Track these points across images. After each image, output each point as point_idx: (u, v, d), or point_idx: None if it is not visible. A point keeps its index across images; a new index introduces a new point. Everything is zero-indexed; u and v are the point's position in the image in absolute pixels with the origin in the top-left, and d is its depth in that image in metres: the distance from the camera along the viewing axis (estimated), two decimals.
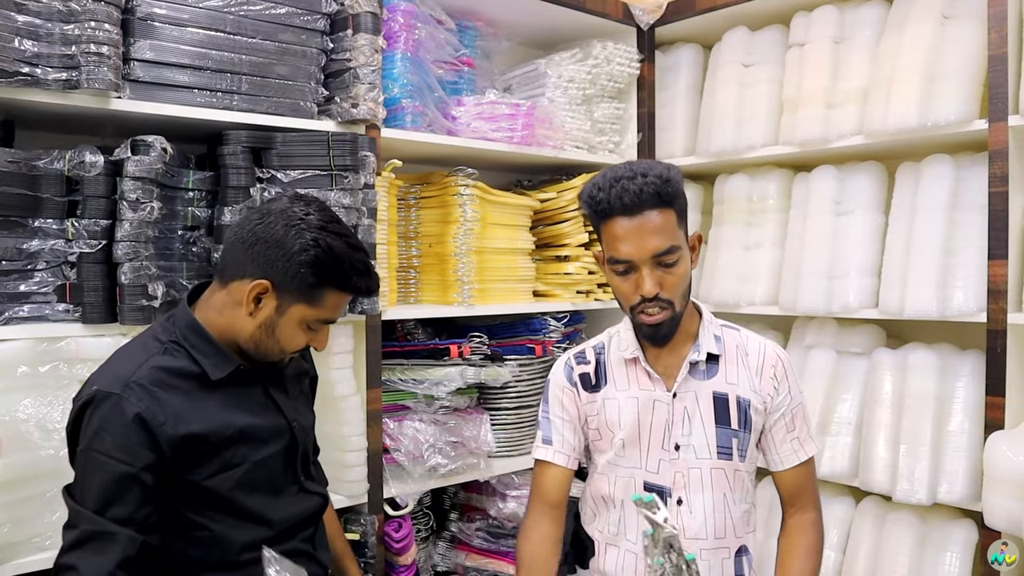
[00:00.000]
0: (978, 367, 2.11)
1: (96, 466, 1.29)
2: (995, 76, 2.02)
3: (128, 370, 1.34)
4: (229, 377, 1.43)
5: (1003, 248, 2.01)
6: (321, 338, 1.47)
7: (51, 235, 1.72)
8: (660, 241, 1.43)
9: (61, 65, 1.66)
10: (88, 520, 1.27)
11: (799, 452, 1.59)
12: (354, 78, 2.03)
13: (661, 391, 1.57)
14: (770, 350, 1.60)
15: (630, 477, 1.58)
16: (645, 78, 2.77)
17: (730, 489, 1.56)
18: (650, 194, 1.42)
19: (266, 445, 1.46)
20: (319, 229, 1.37)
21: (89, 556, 1.25)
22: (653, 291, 1.44)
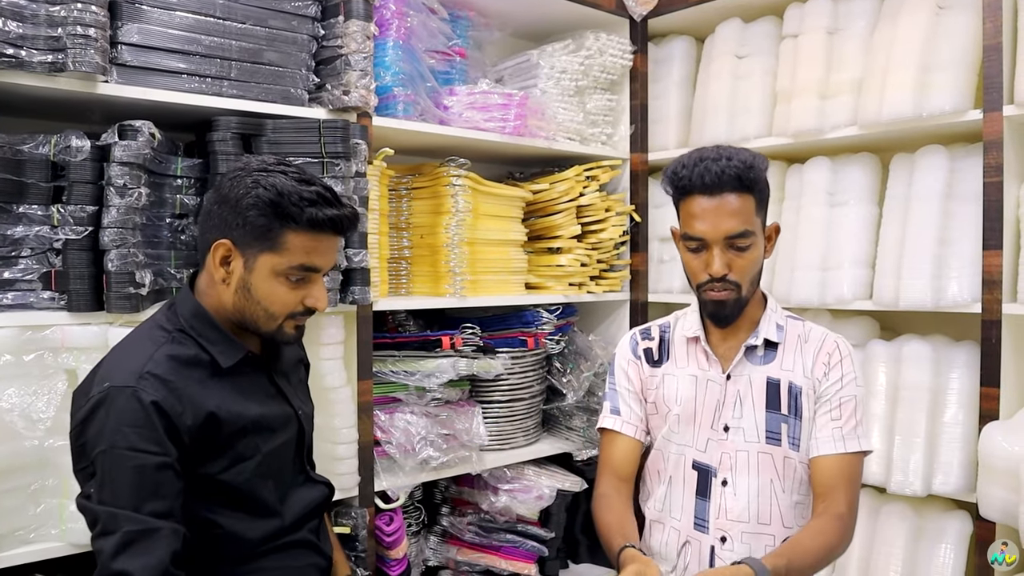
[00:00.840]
0: (972, 358, 2.10)
1: (123, 463, 1.24)
2: (990, 66, 2.02)
3: (139, 362, 1.30)
4: (237, 365, 1.39)
5: (998, 238, 2.01)
6: (315, 292, 1.39)
7: (36, 221, 1.68)
8: (735, 223, 1.48)
9: (47, 47, 1.62)
10: (128, 520, 1.22)
11: (838, 443, 1.52)
12: (345, 65, 2.00)
13: (716, 372, 1.61)
14: (830, 339, 1.60)
15: (681, 454, 1.62)
16: (638, 70, 2.76)
17: (778, 476, 1.55)
18: (731, 176, 1.46)
19: (276, 435, 1.44)
20: (260, 171, 1.34)
21: (139, 557, 1.20)
22: (721, 271, 1.50)
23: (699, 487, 1.60)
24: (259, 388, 1.44)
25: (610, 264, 2.76)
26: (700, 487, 1.60)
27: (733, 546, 1.56)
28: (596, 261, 2.69)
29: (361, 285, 2.02)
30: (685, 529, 1.61)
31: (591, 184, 2.65)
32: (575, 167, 2.62)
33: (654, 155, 2.78)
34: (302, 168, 1.40)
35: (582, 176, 2.62)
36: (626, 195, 2.80)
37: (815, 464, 1.55)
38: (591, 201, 2.63)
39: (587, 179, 2.64)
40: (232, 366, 1.38)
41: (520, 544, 2.41)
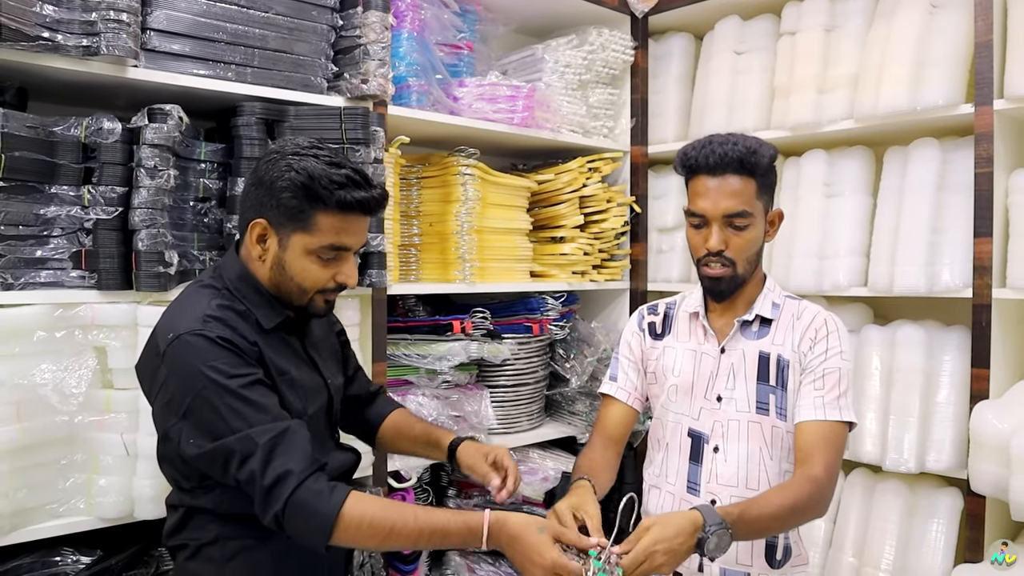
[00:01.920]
0: (964, 341, 2.20)
1: (223, 394, 1.30)
2: (981, 62, 2.12)
3: (198, 311, 1.36)
4: (276, 330, 1.44)
5: (988, 226, 2.10)
6: (345, 270, 1.45)
7: (67, 201, 1.72)
8: (734, 203, 1.56)
9: (81, 31, 1.67)
10: (259, 434, 1.28)
11: (819, 410, 1.57)
12: (364, 54, 2.06)
13: (711, 346, 1.69)
14: (821, 316, 1.66)
15: (677, 422, 1.70)
16: (639, 65, 2.84)
17: (766, 444, 1.62)
18: (734, 159, 1.55)
19: (310, 402, 1.48)
20: (293, 155, 1.38)
21: (286, 456, 1.28)
22: (718, 247, 1.58)
23: (692, 453, 1.68)
24: (295, 355, 1.49)
25: (611, 254, 2.84)
26: (693, 453, 1.68)
27: None
28: (598, 250, 2.77)
29: (378, 268, 2.07)
30: (679, 492, 1.69)
31: (593, 175, 2.72)
32: (578, 159, 2.69)
33: (654, 148, 2.86)
34: (335, 151, 1.44)
35: (585, 167, 2.70)
36: (626, 186, 2.88)
37: (797, 431, 1.60)
38: (593, 192, 2.71)
39: (590, 170, 2.72)
40: (272, 330, 1.43)
41: None
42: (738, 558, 1.62)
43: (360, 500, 1.31)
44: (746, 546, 1.61)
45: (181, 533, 1.47)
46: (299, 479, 1.27)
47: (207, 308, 1.37)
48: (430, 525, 1.31)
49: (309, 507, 1.27)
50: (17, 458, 1.61)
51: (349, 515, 1.28)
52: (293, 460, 1.28)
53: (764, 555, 1.62)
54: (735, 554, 1.62)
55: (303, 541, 1.30)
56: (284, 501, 1.27)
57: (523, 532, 1.31)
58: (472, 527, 1.32)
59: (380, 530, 1.29)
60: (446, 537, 1.33)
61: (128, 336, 1.75)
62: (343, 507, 1.28)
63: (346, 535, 1.29)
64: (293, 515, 1.27)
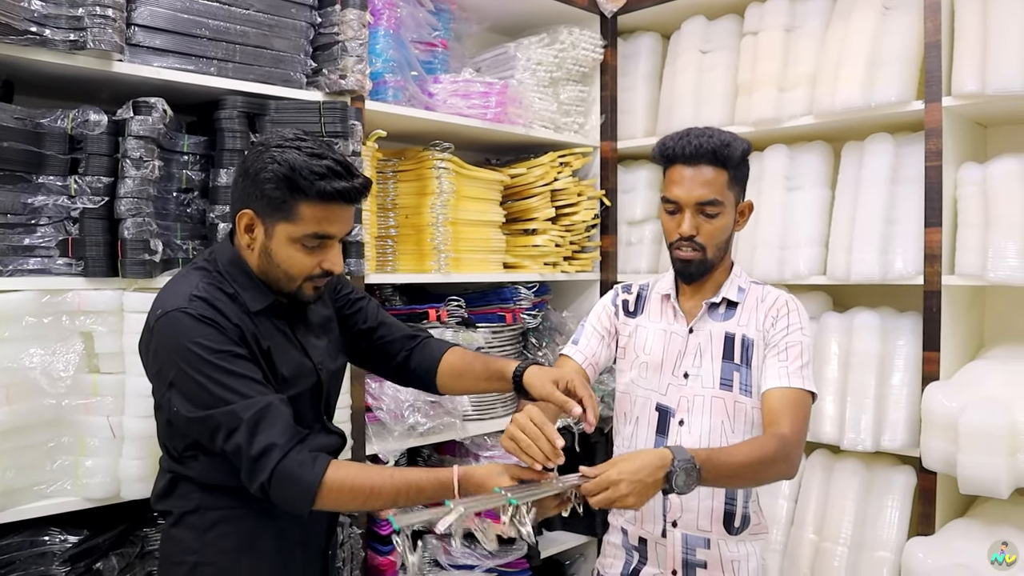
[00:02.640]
0: (916, 326, 2.31)
1: (207, 367, 1.37)
2: (930, 61, 2.23)
3: (186, 290, 1.43)
4: (265, 314, 1.50)
5: (938, 217, 2.22)
6: (331, 257, 1.50)
7: (54, 191, 1.77)
8: (706, 191, 1.67)
9: (68, 26, 1.71)
10: (243, 408, 1.36)
11: (783, 379, 1.65)
12: (342, 51, 2.12)
13: (680, 326, 1.78)
14: (782, 298, 1.76)
15: (647, 398, 1.79)
16: (608, 63, 2.93)
17: (728, 418, 1.71)
18: (707, 150, 1.66)
19: (293, 385, 1.53)
20: (276, 148, 1.44)
21: (270, 430, 1.36)
22: (689, 232, 1.68)
23: (659, 426, 1.77)
24: (283, 339, 1.54)
25: (582, 245, 2.93)
26: (660, 426, 1.77)
27: None
28: (569, 242, 2.86)
29: (357, 258, 2.14)
30: None
31: (564, 170, 2.81)
32: (550, 154, 2.78)
33: (623, 143, 2.96)
34: (320, 143, 1.49)
35: (556, 162, 2.79)
36: (597, 180, 2.97)
37: (764, 399, 1.68)
38: (565, 186, 2.80)
39: (561, 165, 2.80)
40: (261, 313, 1.49)
41: None
42: (698, 524, 1.71)
43: (340, 467, 1.40)
44: (706, 512, 1.71)
45: (167, 499, 1.55)
46: (283, 451, 1.35)
47: (194, 288, 1.44)
48: (406, 483, 1.41)
49: (294, 476, 1.35)
50: (6, 440, 1.65)
51: (330, 481, 1.37)
52: (277, 433, 1.36)
53: (723, 521, 1.71)
54: (695, 520, 1.71)
55: (288, 507, 1.39)
56: (270, 471, 1.35)
57: (486, 479, 1.42)
58: (443, 481, 1.43)
59: (361, 492, 1.39)
60: (420, 493, 1.43)
61: (114, 322, 1.80)
62: (325, 474, 1.37)
63: (329, 500, 1.38)
64: (279, 484, 1.36)
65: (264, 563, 1.54)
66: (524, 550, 2.57)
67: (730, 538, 1.72)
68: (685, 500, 1.70)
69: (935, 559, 2.06)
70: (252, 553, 1.53)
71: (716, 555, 1.72)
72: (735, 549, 1.73)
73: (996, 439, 1.96)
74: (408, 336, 1.78)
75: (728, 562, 1.72)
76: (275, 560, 1.55)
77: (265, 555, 1.54)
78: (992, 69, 2.10)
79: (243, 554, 1.52)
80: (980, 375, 2.16)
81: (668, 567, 1.74)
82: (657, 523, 1.75)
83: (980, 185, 2.17)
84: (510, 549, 2.56)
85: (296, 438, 1.39)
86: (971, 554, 2.03)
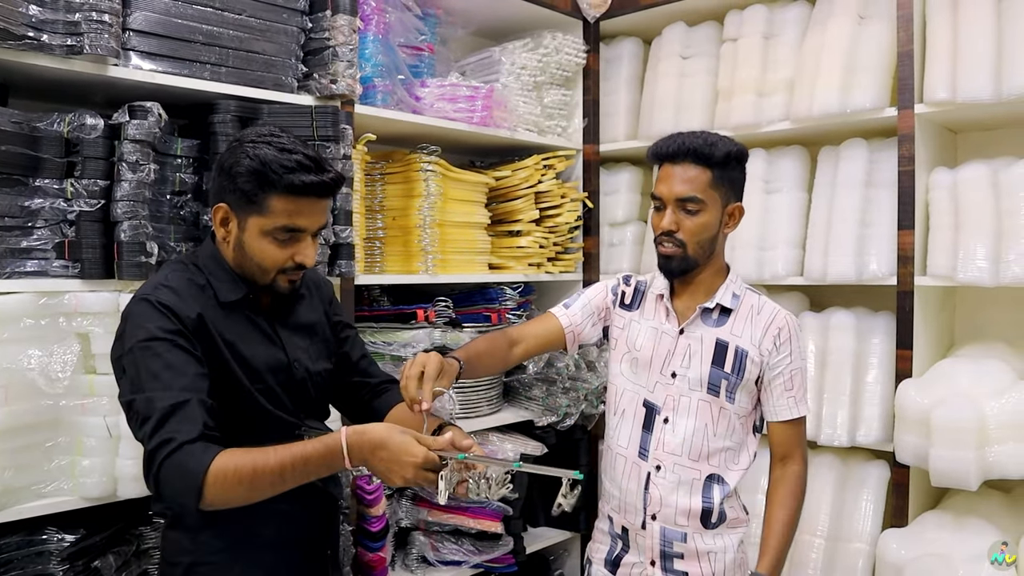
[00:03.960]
0: (890, 326, 2.40)
1: (144, 354, 1.39)
2: (903, 69, 2.32)
3: (157, 280, 1.49)
4: (239, 307, 1.54)
5: (910, 220, 2.30)
6: (303, 250, 1.52)
7: (51, 194, 1.79)
8: (686, 188, 1.74)
9: (65, 31, 1.74)
10: (161, 399, 1.34)
11: (793, 409, 1.80)
12: (333, 56, 2.16)
13: (671, 326, 1.85)
14: (781, 315, 1.82)
15: (636, 392, 1.86)
16: (591, 68, 2.99)
17: (712, 421, 1.79)
18: (690, 149, 1.73)
19: (263, 380, 1.54)
20: (250, 143, 1.48)
21: (177, 424, 1.33)
22: (669, 227, 1.76)
23: (645, 422, 1.85)
24: (257, 330, 1.57)
25: (565, 247, 2.98)
26: (646, 422, 1.84)
27: (666, 475, 1.80)
28: (552, 244, 2.91)
29: (347, 259, 2.18)
30: (631, 456, 1.85)
31: (548, 172, 2.86)
32: (534, 156, 2.83)
33: (605, 146, 3.02)
34: (293, 139, 1.52)
35: (540, 165, 2.84)
36: (579, 183, 3.03)
37: (774, 429, 1.83)
38: (548, 188, 2.85)
39: (545, 168, 2.86)
40: (235, 306, 1.53)
41: (486, 504, 2.60)
42: (676, 520, 1.78)
43: (228, 453, 1.32)
44: (683, 510, 1.79)
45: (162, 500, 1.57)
46: (178, 444, 1.31)
47: (166, 278, 1.49)
48: (290, 455, 1.32)
49: (181, 467, 1.30)
50: (5, 440, 1.67)
51: (215, 469, 1.29)
52: (182, 429, 1.32)
53: (699, 518, 1.79)
54: (673, 515, 1.79)
55: (178, 503, 1.38)
56: (159, 464, 1.31)
57: (386, 437, 1.32)
58: (330, 445, 1.33)
59: (244, 475, 1.30)
60: (307, 463, 1.33)
61: (111, 323, 1.81)
62: (212, 463, 1.30)
63: (216, 490, 1.30)
64: (166, 477, 1.31)
65: (259, 562, 1.56)
66: (510, 546, 2.62)
67: (706, 532, 1.79)
68: (664, 496, 1.78)
69: (908, 550, 2.14)
70: (247, 552, 1.55)
71: (693, 547, 1.79)
72: (711, 542, 1.80)
73: (966, 434, 2.05)
74: (383, 380, 1.79)
75: (704, 554, 1.79)
76: (271, 559, 1.57)
77: (261, 554, 1.56)
78: (962, 78, 2.19)
79: (237, 553, 1.55)
80: (951, 372, 2.24)
81: (647, 556, 1.81)
82: (638, 515, 1.81)
83: (950, 189, 2.25)
84: (496, 545, 2.61)
85: (202, 435, 1.33)
86: (943, 544, 2.11)
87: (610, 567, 1.90)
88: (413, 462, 1.30)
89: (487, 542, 2.60)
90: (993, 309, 2.50)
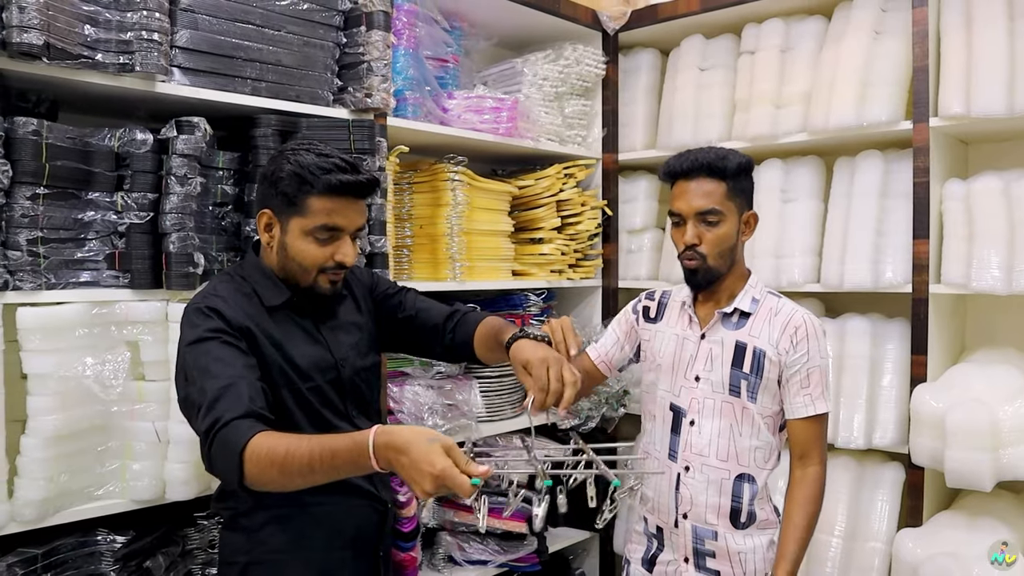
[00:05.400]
0: (904, 331, 2.47)
1: (196, 351, 1.48)
2: (918, 84, 2.39)
3: (206, 291, 1.60)
4: (284, 310, 1.62)
5: (925, 229, 2.38)
6: (342, 248, 1.60)
7: (102, 207, 1.86)
8: (705, 202, 1.81)
9: (118, 50, 1.80)
10: (212, 386, 1.40)
11: (809, 406, 1.84)
12: (368, 71, 2.22)
13: (694, 332, 1.93)
14: (798, 315, 1.88)
15: (664, 398, 1.94)
16: (610, 78, 3.06)
17: (737, 421, 1.86)
18: (704, 164, 1.80)
19: (312, 378, 1.62)
20: (291, 151, 1.59)
21: (226, 403, 1.37)
22: (691, 241, 1.83)
23: (673, 425, 1.93)
24: (303, 331, 1.65)
25: (585, 253, 3.05)
26: (674, 425, 1.93)
27: (695, 475, 1.88)
28: (573, 250, 2.98)
29: (382, 268, 2.25)
30: (662, 459, 1.94)
31: (569, 181, 2.93)
32: (555, 165, 2.90)
33: (623, 155, 3.09)
34: (324, 146, 1.62)
35: (561, 174, 2.91)
36: (599, 191, 3.10)
37: (792, 427, 1.88)
38: (569, 196, 2.92)
39: (566, 176, 2.92)
40: (279, 309, 1.62)
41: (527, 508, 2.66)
42: (706, 518, 1.86)
43: (268, 434, 1.34)
44: (712, 508, 1.86)
45: (223, 501, 1.66)
46: (225, 421, 1.34)
47: (212, 289, 1.60)
48: (320, 446, 1.30)
49: (225, 442, 1.34)
50: (61, 445, 1.74)
51: (253, 446, 1.31)
52: (230, 408, 1.36)
53: (728, 516, 1.86)
54: (703, 514, 1.86)
55: (225, 480, 1.45)
56: (210, 442, 1.35)
57: (411, 442, 1.24)
58: (358, 442, 1.28)
59: (277, 457, 1.30)
60: (335, 456, 1.30)
61: (159, 331, 1.88)
62: (251, 440, 1.31)
63: (253, 468, 1.31)
64: (216, 453, 1.35)
65: (313, 562, 1.63)
66: (534, 546, 2.69)
67: (736, 531, 1.86)
68: (694, 495, 1.85)
69: (923, 549, 2.21)
70: (301, 552, 1.62)
71: (724, 547, 1.86)
72: (741, 542, 1.86)
73: (980, 437, 2.12)
74: (447, 317, 1.82)
75: (735, 554, 1.86)
76: (324, 559, 1.64)
77: (314, 554, 1.63)
78: (976, 93, 2.26)
79: (292, 553, 1.62)
80: (964, 377, 2.32)
81: (681, 554, 1.89)
82: (671, 514, 1.89)
83: (964, 200, 2.33)
84: (521, 545, 2.68)
85: (249, 412, 1.37)
86: (957, 543, 2.18)
87: (647, 566, 1.98)
88: (430, 472, 1.20)
89: (512, 542, 2.67)
90: (1003, 316, 2.58)
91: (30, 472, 1.70)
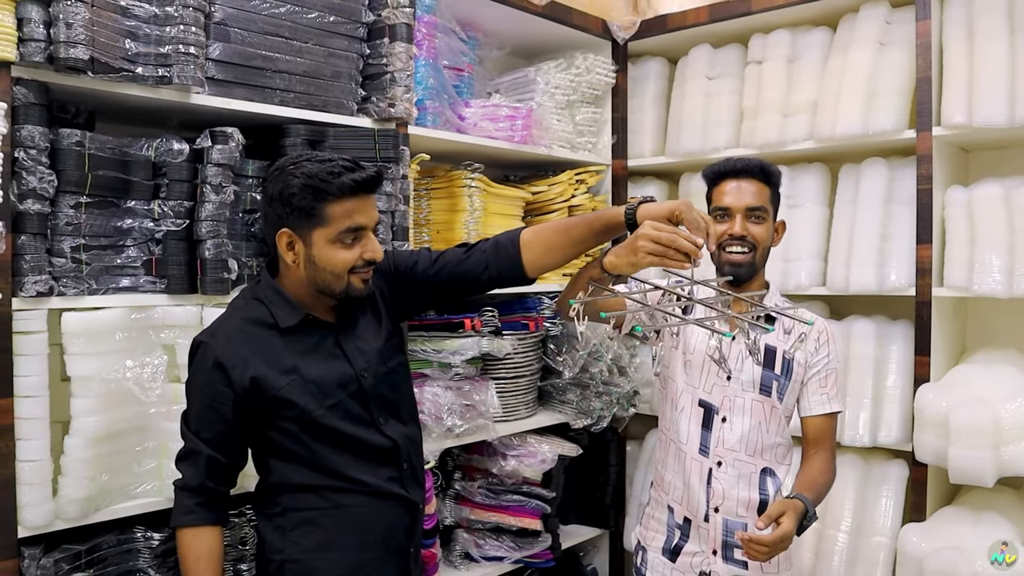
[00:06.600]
0: (908, 333, 2.56)
1: (194, 397, 1.68)
2: (921, 94, 2.47)
3: (218, 322, 1.68)
4: (301, 329, 1.68)
5: (928, 234, 2.46)
6: (370, 246, 1.66)
7: (140, 215, 1.91)
8: (755, 199, 1.94)
9: (156, 63, 1.86)
10: (188, 439, 1.67)
11: (826, 405, 1.99)
12: (391, 81, 2.28)
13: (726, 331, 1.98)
14: (820, 322, 2.02)
15: (692, 392, 2.02)
16: (619, 86, 3.13)
17: (765, 420, 1.96)
18: (755, 166, 1.94)
19: (332, 395, 1.68)
20: (291, 166, 1.64)
21: (187, 468, 1.67)
22: (741, 232, 1.94)
23: (704, 421, 2.01)
24: (321, 348, 1.70)
25: (596, 257, 3.11)
26: (705, 421, 2.01)
27: (727, 470, 1.97)
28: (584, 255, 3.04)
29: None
30: (691, 453, 2.01)
31: (580, 187, 3.01)
32: (567, 172, 2.97)
33: (633, 161, 3.17)
34: (323, 153, 1.69)
35: (573, 180, 2.98)
36: (608, 196, 3.17)
37: (807, 423, 2.00)
38: (581, 202, 2.99)
39: (577, 182, 3.00)
40: (295, 329, 1.68)
41: (525, 503, 2.73)
42: (737, 511, 1.93)
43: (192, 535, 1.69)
44: (743, 502, 1.94)
45: (259, 502, 1.74)
46: (180, 486, 1.69)
47: (226, 320, 1.71)
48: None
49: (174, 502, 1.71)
50: (103, 445, 1.80)
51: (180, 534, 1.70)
52: (188, 473, 1.68)
53: (757, 509, 1.94)
54: (735, 507, 1.93)
55: None
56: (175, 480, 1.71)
57: None
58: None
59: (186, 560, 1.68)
60: None
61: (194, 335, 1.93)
62: (179, 529, 1.70)
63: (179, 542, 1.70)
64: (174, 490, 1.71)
65: (346, 560, 1.70)
66: (548, 542, 2.76)
67: None
68: (726, 489, 1.93)
69: (927, 543, 2.30)
70: (334, 551, 1.68)
71: None
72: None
73: (983, 434, 2.20)
74: (465, 250, 1.85)
75: None
76: (356, 557, 1.71)
77: (347, 552, 1.70)
78: (977, 103, 2.35)
79: (325, 552, 1.68)
80: (966, 377, 2.41)
81: (709, 547, 1.96)
82: (700, 508, 1.96)
83: (966, 206, 2.41)
84: (535, 541, 2.75)
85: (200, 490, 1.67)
86: (960, 537, 2.26)
87: (669, 555, 2.05)
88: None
89: (526, 539, 2.74)
90: (1003, 318, 2.66)
91: (74, 471, 1.76)
